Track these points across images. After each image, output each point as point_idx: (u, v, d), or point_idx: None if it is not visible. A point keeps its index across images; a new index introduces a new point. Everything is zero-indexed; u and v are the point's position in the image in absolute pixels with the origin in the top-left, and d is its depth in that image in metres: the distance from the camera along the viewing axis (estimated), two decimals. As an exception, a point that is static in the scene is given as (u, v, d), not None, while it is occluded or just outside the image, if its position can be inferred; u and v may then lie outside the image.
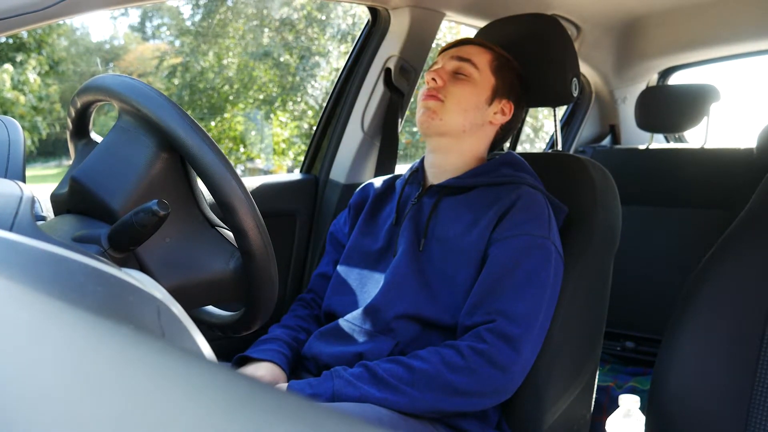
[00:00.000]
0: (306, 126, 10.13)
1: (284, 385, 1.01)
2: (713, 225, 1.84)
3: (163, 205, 0.63)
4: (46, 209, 0.89)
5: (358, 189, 1.34)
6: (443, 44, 1.24)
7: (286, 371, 1.09)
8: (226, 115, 10.14)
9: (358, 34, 1.68)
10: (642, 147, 2.27)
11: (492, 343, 0.97)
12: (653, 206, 2.10)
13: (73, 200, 0.73)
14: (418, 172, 1.21)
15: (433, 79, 1.14)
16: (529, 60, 1.23)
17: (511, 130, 1.22)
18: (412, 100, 1.70)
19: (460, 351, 0.97)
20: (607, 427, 1.09)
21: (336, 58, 10.07)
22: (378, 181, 1.31)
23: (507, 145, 1.41)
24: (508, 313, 0.99)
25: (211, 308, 0.87)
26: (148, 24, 11.77)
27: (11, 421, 0.14)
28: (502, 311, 0.99)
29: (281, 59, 10.17)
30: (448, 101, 1.13)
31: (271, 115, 10.20)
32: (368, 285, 1.14)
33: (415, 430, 0.95)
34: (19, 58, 9.14)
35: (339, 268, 1.21)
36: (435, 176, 1.18)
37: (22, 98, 8.64)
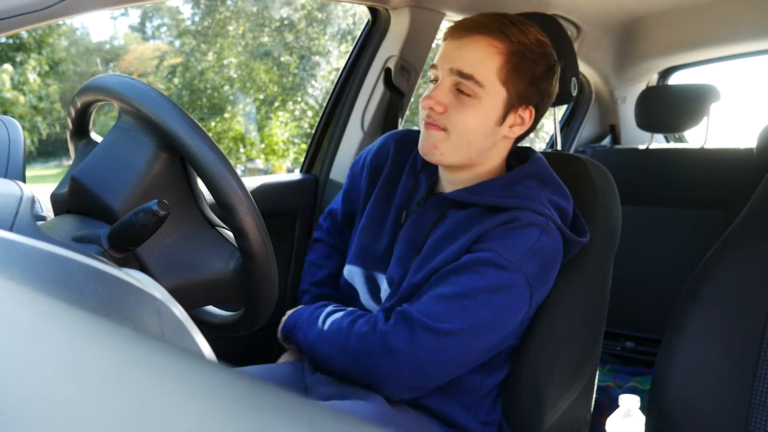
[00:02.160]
0: (306, 126, 10.13)
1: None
2: (713, 225, 1.84)
3: (163, 205, 0.63)
4: (46, 209, 0.89)
5: (376, 146, 1.20)
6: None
7: None
8: (226, 115, 10.13)
9: (358, 34, 1.68)
10: (642, 147, 2.27)
11: (394, 327, 0.95)
12: (653, 206, 2.10)
13: (73, 200, 0.73)
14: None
15: (431, 107, 0.99)
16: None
17: (531, 131, 1.08)
18: (412, 99, 1.70)
19: (370, 320, 0.98)
20: (607, 427, 1.09)
21: (336, 58, 10.07)
22: (396, 142, 1.18)
23: None
24: (423, 312, 0.95)
25: (211, 308, 0.87)
26: (148, 24, 11.77)
27: (11, 421, 0.14)
28: (420, 305, 0.96)
29: (281, 59, 10.17)
30: (453, 133, 0.99)
31: (271, 115, 10.20)
32: (372, 288, 1.13)
33: (415, 429, 0.95)
34: (19, 58, 9.14)
35: (346, 269, 1.16)
36: (445, 180, 1.09)
37: (22, 98, 8.64)
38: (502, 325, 0.98)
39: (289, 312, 1.13)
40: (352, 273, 1.14)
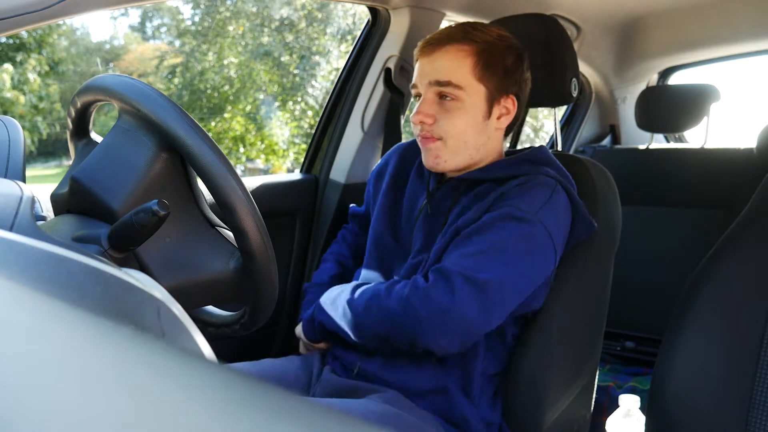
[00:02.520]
0: (306, 126, 10.12)
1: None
2: (713, 225, 1.84)
3: (163, 205, 0.63)
4: (46, 209, 0.89)
5: (383, 158, 1.29)
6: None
7: None
8: (226, 115, 10.13)
9: (358, 33, 1.68)
10: (642, 147, 2.27)
11: (433, 284, 0.98)
12: (653, 206, 2.10)
13: (73, 200, 0.73)
14: None
15: (421, 121, 1.06)
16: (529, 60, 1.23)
17: (518, 118, 1.14)
18: (412, 99, 1.70)
19: (407, 283, 1.01)
20: (607, 427, 1.09)
21: (336, 58, 10.07)
22: (400, 151, 1.25)
23: (507, 144, 1.39)
24: (458, 266, 0.98)
25: (211, 308, 0.87)
26: (148, 24, 11.77)
27: (11, 421, 0.14)
28: (453, 261, 0.99)
29: (281, 59, 10.17)
30: (448, 139, 1.06)
31: (271, 114, 10.20)
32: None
33: (416, 428, 0.95)
34: (19, 58, 9.14)
35: (363, 273, 1.19)
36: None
37: (22, 98, 8.64)
38: (534, 272, 1.02)
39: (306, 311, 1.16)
40: (369, 276, 1.17)
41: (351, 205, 1.39)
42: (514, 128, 1.16)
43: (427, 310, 0.96)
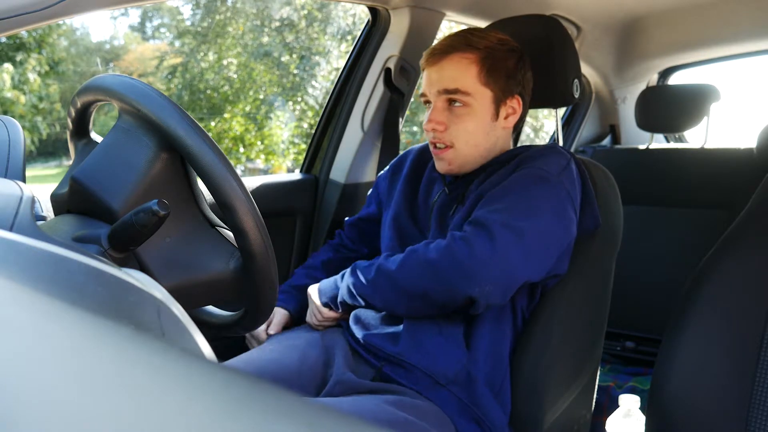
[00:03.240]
0: (306, 126, 10.12)
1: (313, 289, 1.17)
2: (713, 225, 1.84)
3: (163, 205, 0.63)
4: (46, 209, 0.89)
5: (397, 158, 1.33)
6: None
7: (293, 314, 1.24)
8: (226, 115, 10.13)
9: (358, 33, 1.68)
10: (642, 147, 2.27)
11: (472, 232, 0.99)
12: (653, 206, 2.10)
13: (73, 200, 0.73)
14: None
15: (433, 129, 1.10)
16: (530, 61, 1.23)
17: (525, 116, 1.20)
18: (412, 99, 1.70)
19: (446, 238, 1.02)
20: (607, 427, 1.09)
21: (336, 58, 10.07)
22: (416, 151, 1.30)
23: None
24: (494, 216, 1.00)
25: (211, 308, 0.87)
26: (148, 24, 11.77)
27: (12, 420, 0.14)
28: (486, 214, 1.01)
29: (281, 59, 10.17)
30: (457, 143, 1.11)
31: (271, 115, 10.20)
32: None
33: (416, 428, 0.95)
34: (19, 58, 9.14)
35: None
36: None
37: (22, 98, 8.64)
38: (563, 229, 1.04)
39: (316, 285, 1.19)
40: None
41: (345, 218, 1.40)
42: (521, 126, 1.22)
43: (470, 256, 0.97)
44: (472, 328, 1.05)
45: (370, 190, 1.36)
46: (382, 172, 1.34)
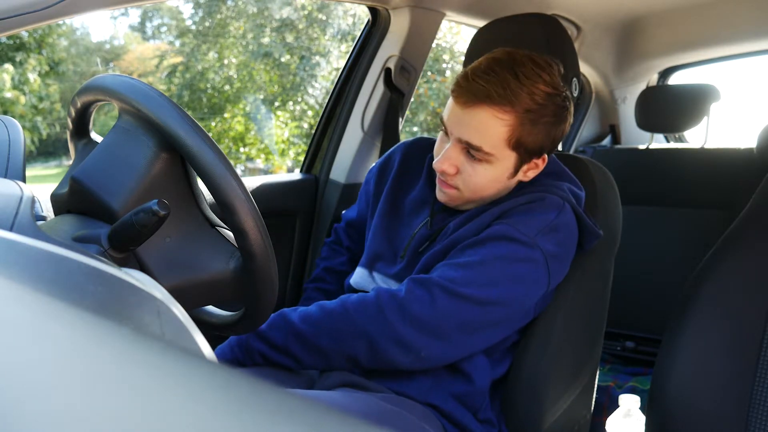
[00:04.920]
0: (306, 126, 10.12)
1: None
2: (713, 225, 1.84)
3: (163, 205, 0.63)
4: (46, 209, 0.89)
5: (384, 156, 1.25)
6: (443, 44, 1.18)
7: None
8: (226, 115, 10.13)
9: (358, 34, 1.68)
10: (642, 147, 2.27)
11: (410, 290, 0.94)
12: (653, 206, 2.10)
13: (73, 200, 0.73)
14: None
15: (443, 171, 1.00)
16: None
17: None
18: (412, 99, 1.70)
19: (375, 294, 0.96)
20: (607, 427, 1.09)
21: (336, 58, 10.07)
22: (404, 149, 1.22)
23: None
24: (447, 273, 0.95)
25: (211, 308, 0.87)
26: (148, 24, 11.77)
27: (12, 420, 0.14)
28: (441, 268, 0.96)
29: (282, 59, 10.17)
30: (465, 191, 1.02)
31: (271, 115, 10.20)
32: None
33: (407, 421, 0.95)
34: (19, 58, 9.14)
35: (357, 272, 1.16)
36: None
37: (22, 98, 8.64)
38: (521, 297, 0.97)
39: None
40: (363, 275, 1.14)
41: (343, 212, 1.37)
42: None
43: (401, 321, 0.92)
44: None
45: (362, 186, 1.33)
46: (372, 167, 1.28)
